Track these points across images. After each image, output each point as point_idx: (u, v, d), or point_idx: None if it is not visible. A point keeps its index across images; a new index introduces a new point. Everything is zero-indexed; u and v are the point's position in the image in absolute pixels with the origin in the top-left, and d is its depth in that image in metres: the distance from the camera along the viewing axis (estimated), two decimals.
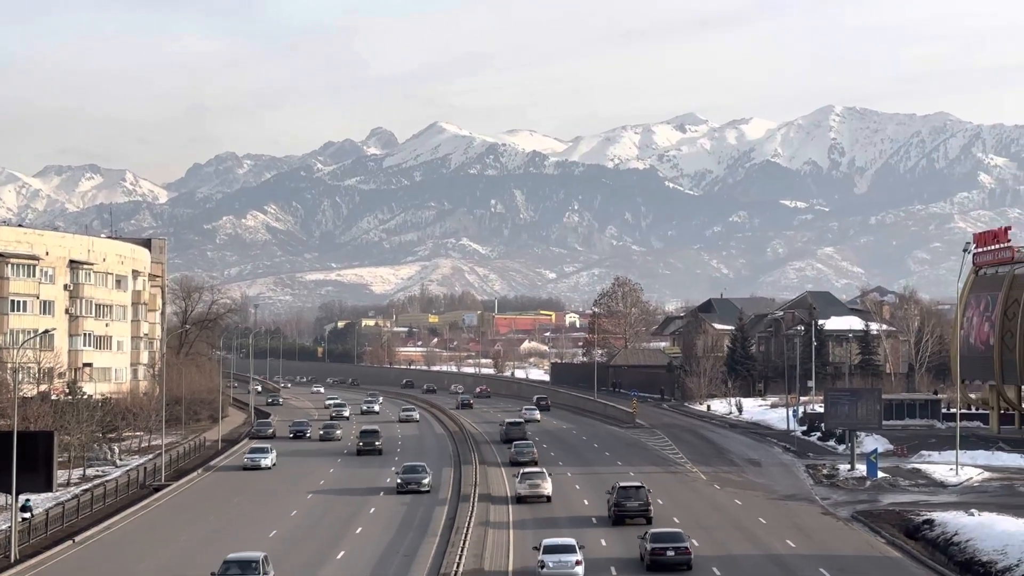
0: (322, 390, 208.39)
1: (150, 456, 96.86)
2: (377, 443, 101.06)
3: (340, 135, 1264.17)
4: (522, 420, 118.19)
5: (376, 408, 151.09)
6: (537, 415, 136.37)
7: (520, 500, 73.61)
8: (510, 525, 65.15)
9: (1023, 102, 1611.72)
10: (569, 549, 51.73)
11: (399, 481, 78.01)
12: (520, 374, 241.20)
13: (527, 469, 79.88)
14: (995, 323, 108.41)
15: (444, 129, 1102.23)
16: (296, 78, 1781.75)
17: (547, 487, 74.29)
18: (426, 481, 78.02)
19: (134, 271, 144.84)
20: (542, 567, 50.94)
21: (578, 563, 50.94)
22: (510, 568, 54.43)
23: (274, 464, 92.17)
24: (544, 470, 78.28)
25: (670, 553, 52.81)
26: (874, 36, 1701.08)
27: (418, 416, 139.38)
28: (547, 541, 52.87)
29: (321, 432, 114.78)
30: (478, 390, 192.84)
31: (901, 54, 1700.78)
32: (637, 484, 67.49)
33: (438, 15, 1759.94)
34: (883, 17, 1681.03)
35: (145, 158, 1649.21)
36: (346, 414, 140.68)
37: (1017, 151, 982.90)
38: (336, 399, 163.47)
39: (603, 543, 59.35)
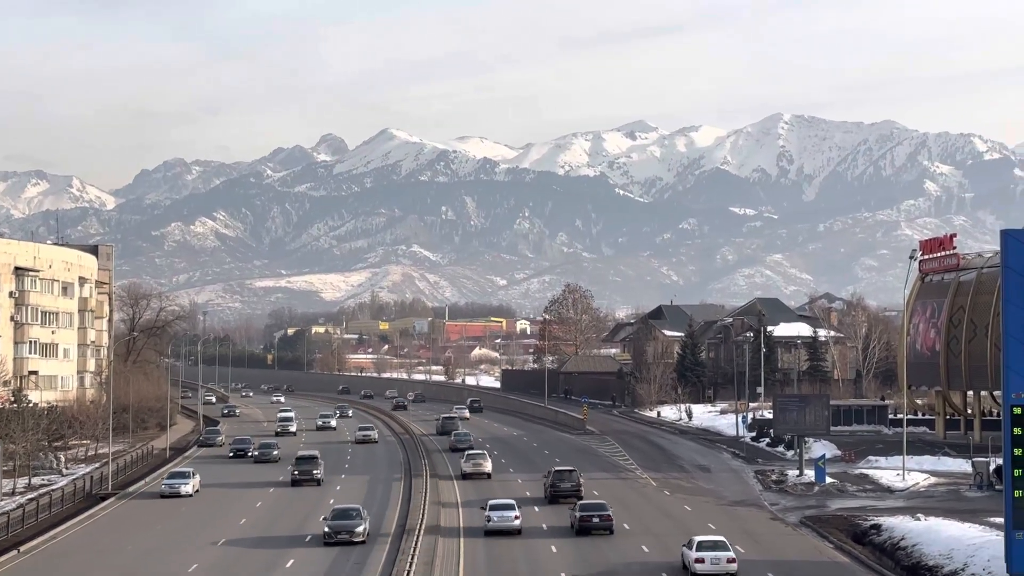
0: (282, 399, 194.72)
1: (96, 465, 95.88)
2: (315, 472, 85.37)
3: (290, 141, 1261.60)
4: (455, 416, 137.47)
5: (333, 423, 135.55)
6: (466, 413, 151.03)
7: (465, 476, 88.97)
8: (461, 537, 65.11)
9: (968, 111, 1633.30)
10: (510, 507, 65.05)
11: (326, 530, 61.47)
12: (471, 381, 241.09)
13: (470, 451, 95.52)
14: (941, 330, 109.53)
15: (395, 136, 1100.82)
16: (246, 84, 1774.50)
17: (487, 466, 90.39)
18: (360, 529, 61.43)
19: (81, 278, 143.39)
20: (488, 521, 64.04)
21: (516, 518, 64.17)
22: None
23: (196, 491, 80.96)
24: (484, 452, 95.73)
25: (595, 520, 63.53)
26: (818, 45, 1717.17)
27: (376, 436, 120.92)
28: (492, 502, 66.36)
29: (256, 452, 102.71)
30: (411, 395, 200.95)
31: (846, 63, 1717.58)
32: (570, 468, 79.31)
33: (388, 22, 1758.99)
34: (827, 26, 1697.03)
35: (92, 164, 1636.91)
36: (293, 429, 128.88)
37: (962, 159, 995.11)
38: (286, 411, 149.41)
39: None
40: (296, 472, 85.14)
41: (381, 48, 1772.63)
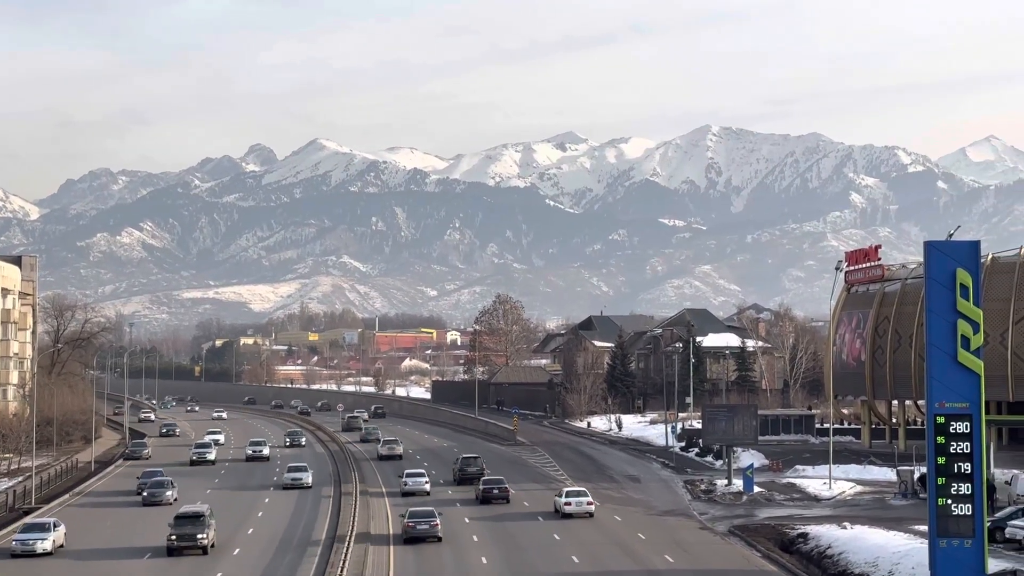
0: (224, 415, 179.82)
1: (19, 479, 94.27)
2: (200, 537, 62.02)
3: (218, 151, 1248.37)
4: (358, 416, 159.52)
5: (265, 452, 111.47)
6: (365, 416, 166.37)
7: (381, 458, 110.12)
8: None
9: (892, 124, 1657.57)
10: (421, 475, 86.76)
11: None
12: (401, 392, 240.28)
13: (386, 439, 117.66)
14: (866, 340, 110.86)
15: (324, 146, 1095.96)
16: (173, 94, 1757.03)
17: (399, 449, 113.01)
18: None
19: (3, 289, 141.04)
20: (404, 485, 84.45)
21: (427, 482, 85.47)
22: None
23: (59, 547, 63.47)
24: (397, 439, 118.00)
25: (495, 491, 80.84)
26: (746, 59, 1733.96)
27: (310, 481, 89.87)
28: (407, 471, 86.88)
29: (145, 493, 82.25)
30: (320, 404, 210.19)
31: (773, 76, 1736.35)
32: (475, 456, 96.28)
33: (317, 32, 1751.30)
34: (754, 41, 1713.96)
35: (16, 174, 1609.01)
36: (211, 457, 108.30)
37: (887, 171, 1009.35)
38: (216, 432, 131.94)
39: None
40: (174, 536, 61.94)
41: (311, 58, 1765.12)
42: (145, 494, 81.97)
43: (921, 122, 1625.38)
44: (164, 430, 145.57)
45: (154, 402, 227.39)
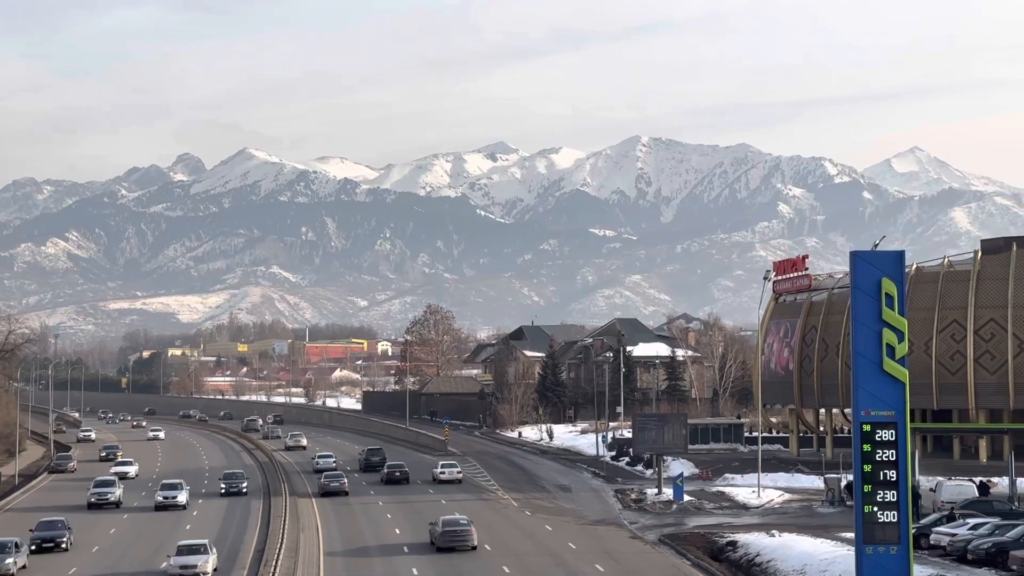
0: (161, 435, 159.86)
1: None
2: None
3: (145, 161, 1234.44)
4: (256, 418, 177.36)
5: (181, 500, 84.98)
6: (260, 422, 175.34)
7: (288, 448, 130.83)
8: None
9: (819, 135, 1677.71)
10: (329, 456, 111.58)
11: None
12: (331, 403, 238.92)
13: (292, 432, 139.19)
14: (794, 349, 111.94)
15: (253, 155, 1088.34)
16: (99, 103, 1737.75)
17: (304, 440, 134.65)
18: None
19: None
20: (317, 465, 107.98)
21: (334, 460, 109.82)
22: None
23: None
24: (302, 432, 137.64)
25: (397, 474, 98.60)
26: (674, 71, 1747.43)
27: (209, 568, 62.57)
28: (319, 453, 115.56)
29: (31, 545, 65.81)
30: (222, 413, 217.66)
31: (702, 88, 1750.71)
32: (378, 447, 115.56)
33: (246, 42, 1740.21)
34: (682, 53, 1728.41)
35: None
36: (114, 498, 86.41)
37: (814, 182, 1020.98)
38: (125, 463, 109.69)
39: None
40: None
41: (239, 67, 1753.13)
42: (32, 546, 65.62)
43: (847, 133, 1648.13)
44: (105, 453, 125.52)
45: (89, 415, 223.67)
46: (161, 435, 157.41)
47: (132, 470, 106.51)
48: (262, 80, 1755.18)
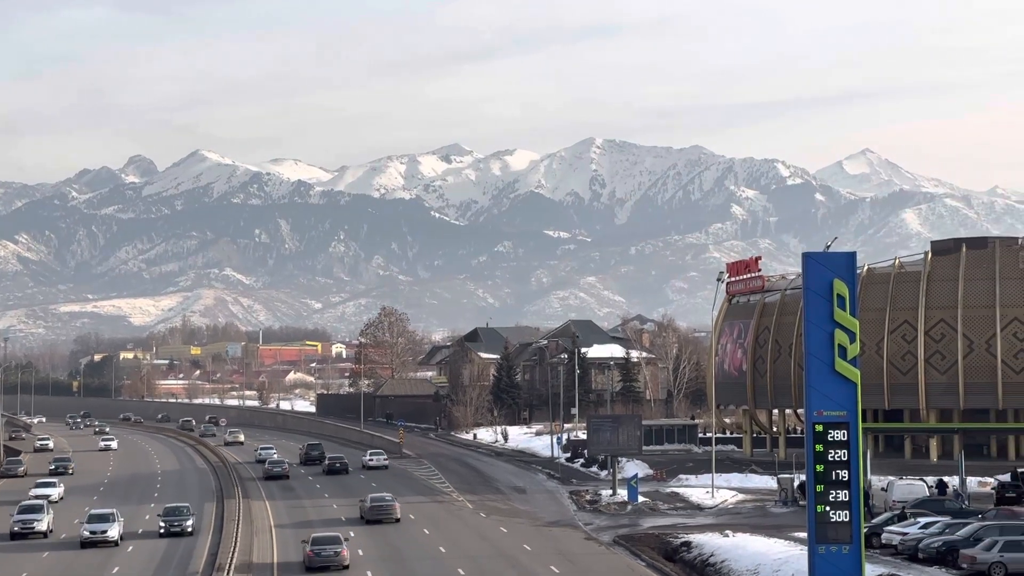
0: (114, 444, 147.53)
1: None
2: None
3: (96, 163, 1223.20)
4: (191, 419, 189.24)
5: (112, 535, 70.50)
6: (194, 422, 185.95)
7: (227, 444, 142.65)
8: None
9: (771, 137, 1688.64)
10: (271, 448, 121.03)
11: None
12: (285, 406, 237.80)
13: (231, 429, 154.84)
14: (747, 350, 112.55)
15: (206, 157, 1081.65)
16: (47, 104, 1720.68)
17: (241, 436, 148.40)
18: None
19: None
20: (259, 453, 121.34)
21: (274, 451, 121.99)
22: None
23: None
24: (240, 429, 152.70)
25: (337, 465, 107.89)
26: (626, 73, 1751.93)
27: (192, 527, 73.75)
28: (260, 446, 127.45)
29: None
30: (159, 416, 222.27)
31: (654, 90, 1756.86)
32: (318, 443, 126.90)
33: (197, 43, 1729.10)
34: (632, 56, 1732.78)
35: None
36: (43, 527, 74.26)
37: (767, 184, 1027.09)
38: (46, 486, 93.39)
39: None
40: None
41: (191, 69, 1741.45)
42: None
43: (799, 136, 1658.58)
44: (55, 466, 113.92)
45: (39, 419, 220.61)
46: (114, 444, 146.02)
47: (55, 492, 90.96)
48: (215, 82, 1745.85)
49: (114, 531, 70.21)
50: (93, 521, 70.98)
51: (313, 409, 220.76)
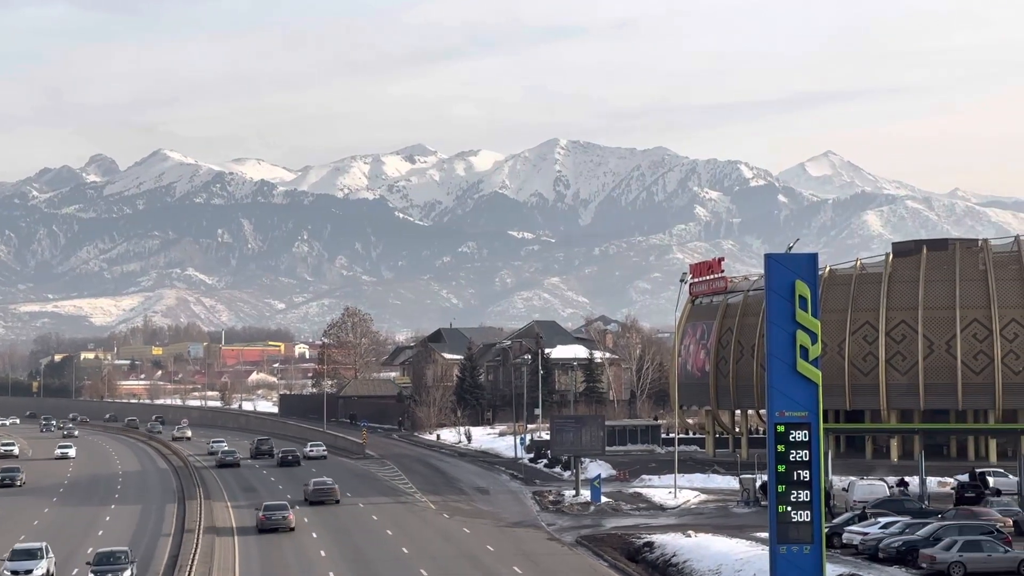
0: (72, 452, 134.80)
1: None
2: None
3: (57, 162, 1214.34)
4: (135, 418, 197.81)
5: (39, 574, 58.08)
6: (137, 421, 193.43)
7: (175, 439, 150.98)
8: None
9: (735, 139, 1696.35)
10: (222, 441, 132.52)
11: None
12: (248, 406, 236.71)
13: (179, 426, 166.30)
14: (710, 351, 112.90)
15: (168, 157, 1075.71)
16: (8, 103, 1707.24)
17: (188, 432, 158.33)
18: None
19: None
20: (211, 447, 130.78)
21: (226, 444, 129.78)
22: None
23: None
24: (187, 422, 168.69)
25: (290, 457, 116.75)
26: (589, 75, 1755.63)
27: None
28: (213, 439, 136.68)
29: None
30: (107, 416, 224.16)
31: (618, 91, 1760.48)
32: (266, 437, 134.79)
33: (159, 43, 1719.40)
34: (596, 57, 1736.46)
35: None
36: None
37: (730, 185, 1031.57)
38: None
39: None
40: None
41: (153, 68, 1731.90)
42: None
43: (762, 138, 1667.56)
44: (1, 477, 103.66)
45: (11, 421, 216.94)
46: (71, 452, 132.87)
47: None
48: (177, 80, 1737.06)
49: (40, 570, 57.50)
50: (17, 558, 58.13)
51: (276, 410, 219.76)
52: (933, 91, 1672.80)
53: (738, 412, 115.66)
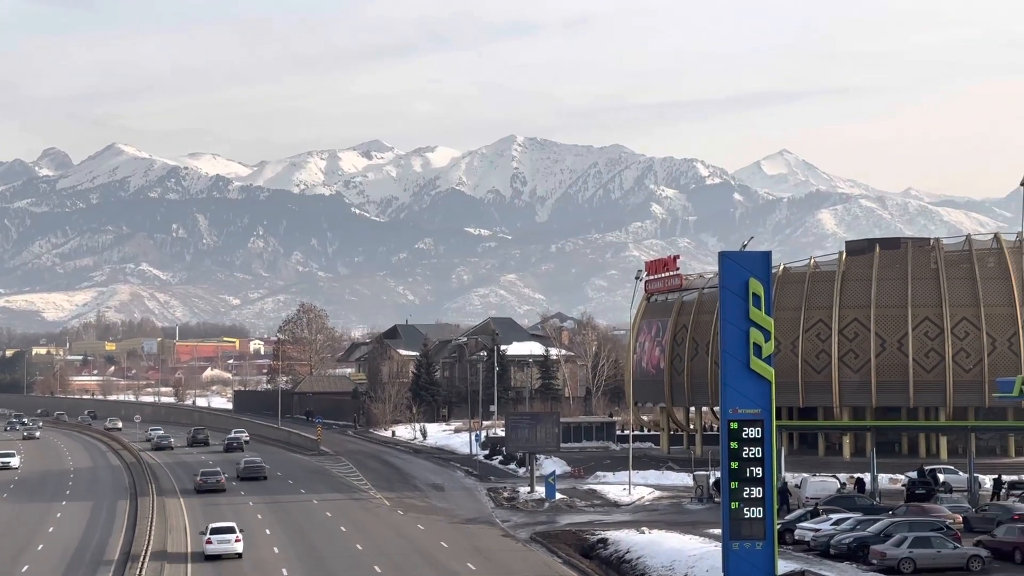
0: (13, 460, 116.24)
1: None
2: None
3: (9, 155, 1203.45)
4: (63, 413, 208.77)
5: None
6: (66, 416, 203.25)
7: (108, 430, 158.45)
8: None
9: (691, 137, 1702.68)
10: (158, 428, 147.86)
11: None
12: (202, 403, 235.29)
13: (111, 417, 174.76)
14: (665, 348, 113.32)
15: (122, 151, 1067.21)
16: None
17: (119, 423, 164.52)
18: None
19: None
20: (149, 437, 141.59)
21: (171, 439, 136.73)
22: None
23: None
24: (118, 417, 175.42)
25: (235, 444, 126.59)
26: (544, 72, 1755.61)
27: None
28: (151, 427, 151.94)
29: None
30: (39, 411, 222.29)
31: (573, 89, 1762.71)
32: (202, 427, 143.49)
33: (112, 36, 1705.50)
34: (549, 55, 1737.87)
35: None
36: None
37: (686, 183, 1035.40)
38: None
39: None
40: None
41: (107, 61, 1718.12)
42: None
43: (718, 136, 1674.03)
44: None
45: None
46: (13, 463, 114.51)
47: None
48: (132, 75, 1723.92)
49: None
50: None
51: (230, 406, 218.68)
52: (888, 91, 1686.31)
53: (692, 409, 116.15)
